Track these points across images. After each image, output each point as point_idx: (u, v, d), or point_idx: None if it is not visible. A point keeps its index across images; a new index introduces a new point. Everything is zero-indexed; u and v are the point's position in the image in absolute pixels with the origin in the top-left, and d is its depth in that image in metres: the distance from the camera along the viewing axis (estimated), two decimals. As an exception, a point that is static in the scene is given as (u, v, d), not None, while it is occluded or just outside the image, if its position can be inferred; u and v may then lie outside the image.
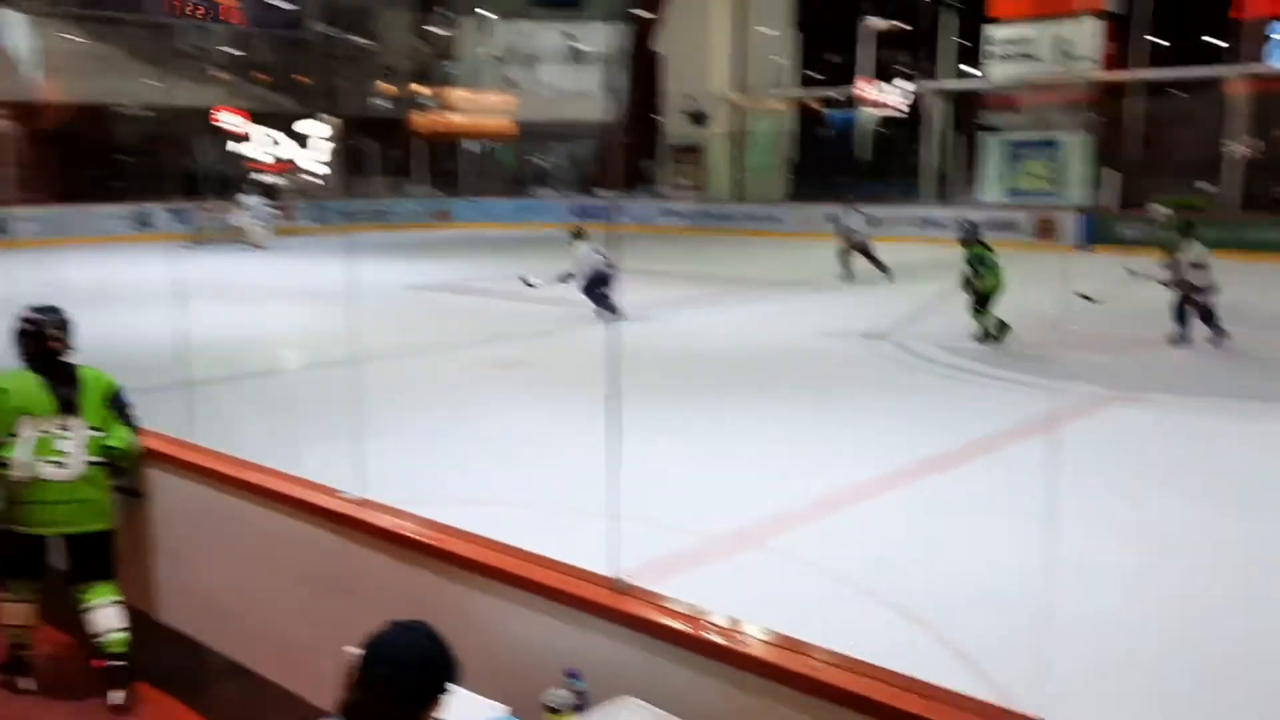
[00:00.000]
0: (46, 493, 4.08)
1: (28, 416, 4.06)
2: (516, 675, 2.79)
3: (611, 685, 2.61)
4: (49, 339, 4.17)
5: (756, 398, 8.90)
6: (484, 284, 16.56)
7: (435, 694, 2.14)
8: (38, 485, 4.06)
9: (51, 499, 4.09)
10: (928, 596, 4.86)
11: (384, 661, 2.10)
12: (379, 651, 2.12)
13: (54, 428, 4.09)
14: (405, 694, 2.10)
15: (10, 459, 4.03)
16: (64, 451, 4.09)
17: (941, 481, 6.69)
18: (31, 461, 4.04)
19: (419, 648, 2.15)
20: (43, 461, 4.06)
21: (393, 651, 2.12)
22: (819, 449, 7.40)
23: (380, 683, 2.08)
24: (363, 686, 2.09)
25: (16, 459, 4.03)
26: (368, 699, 2.09)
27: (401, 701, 2.10)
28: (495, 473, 6.73)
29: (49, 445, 4.08)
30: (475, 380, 9.75)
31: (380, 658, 2.10)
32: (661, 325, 12.51)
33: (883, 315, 12.87)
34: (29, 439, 4.06)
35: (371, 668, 2.09)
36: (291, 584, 3.77)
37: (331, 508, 3.53)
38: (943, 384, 9.56)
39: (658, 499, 5.76)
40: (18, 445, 4.05)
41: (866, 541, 5.65)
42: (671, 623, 2.63)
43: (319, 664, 3.56)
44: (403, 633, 2.17)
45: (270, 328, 13.11)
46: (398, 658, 2.11)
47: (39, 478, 4.05)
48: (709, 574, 5.09)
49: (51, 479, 4.07)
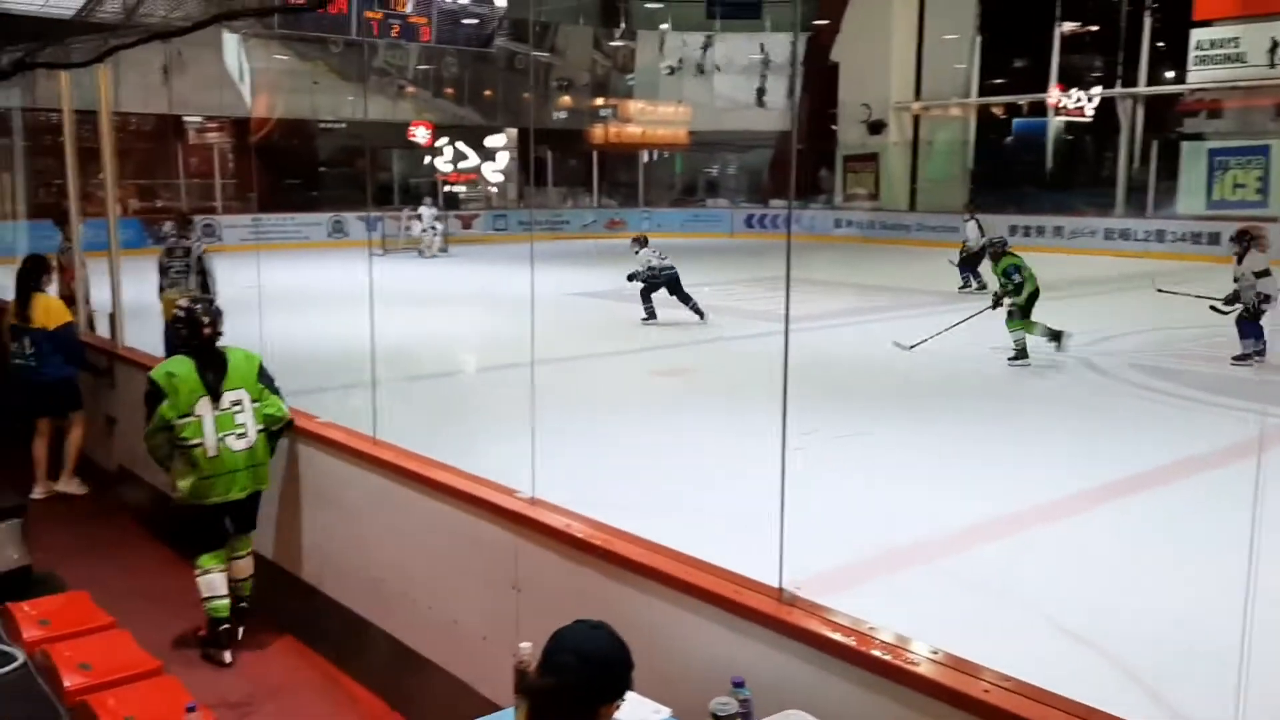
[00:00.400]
0: (234, 462, 4.66)
1: (203, 397, 4.60)
2: (680, 680, 2.80)
3: (775, 697, 2.59)
4: (203, 325, 4.70)
5: (929, 412, 8.66)
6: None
7: (615, 694, 2.18)
8: (224, 457, 4.62)
9: (239, 467, 4.68)
10: (1110, 625, 4.62)
11: (570, 654, 2.15)
12: (565, 645, 2.17)
13: (226, 404, 4.62)
14: (587, 689, 2.14)
15: (200, 439, 4.56)
16: (242, 424, 4.67)
17: (1129, 506, 6.35)
18: (219, 437, 4.59)
19: (605, 646, 2.19)
20: (229, 435, 4.63)
21: (579, 646, 2.17)
22: (995, 468, 7.13)
23: (563, 674, 2.13)
24: (546, 677, 2.15)
25: (206, 437, 4.57)
26: (549, 691, 2.14)
27: (582, 697, 2.14)
28: (660, 479, 6.78)
29: (230, 420, 4.64)
30: (642, 387, 9.85)
31: (566, 650, 2.15)
32: (832, 336, 12.33)
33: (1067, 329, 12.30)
34: (211, 418, 4.59)
35: (556, 658, 2.15)
36: (463, 576, 3.90)
37: (507, 506, 3.63)
38: (1131, 403, 9.07)
39: (825, 512, 5.68)
40: (203, 424, 4.59)
41: (1045, 566, 5.41)
42: (838, 637, 2.59)
43: (487, 654, 3.68)
44: (589, 630, 2.22)
45: (449, 332, 13.62)
46: (583, 652, 2.16)
47: (228, 450, 4.62)
48: (876, 590, 4.98)
49: (236, 449, 4.65)
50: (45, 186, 16.70)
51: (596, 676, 2.15)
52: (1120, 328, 12.73)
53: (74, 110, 7.51)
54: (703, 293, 16.89)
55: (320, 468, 4.82)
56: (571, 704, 2.14)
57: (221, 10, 5.71)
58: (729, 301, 15.52)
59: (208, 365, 4.67)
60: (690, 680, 2.78)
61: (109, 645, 3.61)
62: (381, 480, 4.32)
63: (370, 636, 4.43)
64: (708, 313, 13.28)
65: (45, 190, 16.77)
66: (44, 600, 3.99)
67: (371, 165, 27.47)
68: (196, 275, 8.92)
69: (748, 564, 2.93)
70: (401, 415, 5.58)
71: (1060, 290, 16.54)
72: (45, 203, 15.70)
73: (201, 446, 4.59)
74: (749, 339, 11.86)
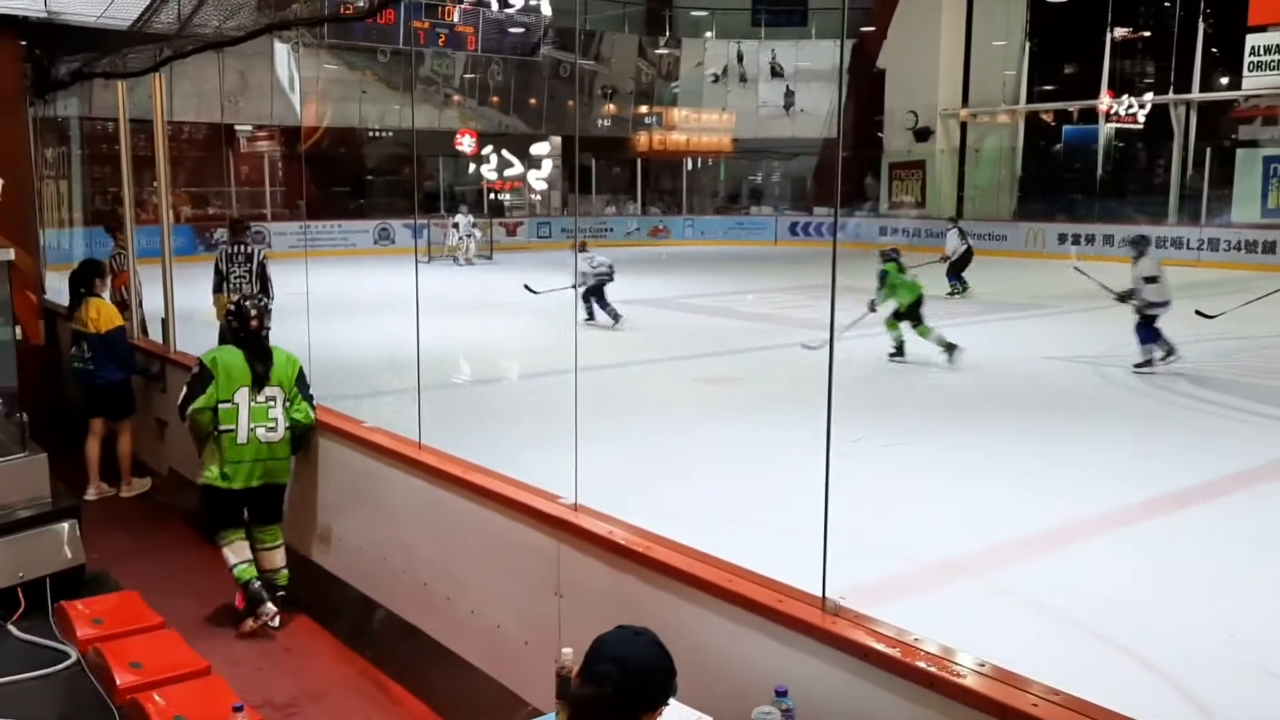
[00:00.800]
0: (259, 452, 4.94)
1: (244, 387, 4.90)
2: (722, 689, 2.79)
3: (819, 707, 2.57)
4: (251, 319, 5.01)
5: (976, 422, 8.57)
6: (698, 300, 16.71)
7: (656, 703, 2.15)
8: (252, 445, 4.91)
9: (261, 457, 4.95)
10: (1160, 639, 4.54)
11: (611, 661, 2.12)
12: (606, 652, 2.14)
13: (262, 398, 4.93)
14: (627, 697, 2.11)
15: (234, 425, 4.87)
16: (274, 419, 4.96)
17: (1178, 519, 6.23)
18: (251, 426, 4.90)
19: (647, 653, 2.17)
20: (261, 426, 4.92)
21: (620, 653, 2.14)
22: (1043, 478, 7.04)
23: (604, 682, 2.11)
24: (587, 684, 2.13)
25: (240, 424, 4.88)
26: (589, 700, 2.12)
27: (622, 705, 2.11)
28: (704, 486, 6.77)
29: (264, 413, 4.94)
30: (686, 395, 9.85)
31: (607, 658, 2.13)
32: (876, 345, 12.24)
33: (1114, 339, 12.12)
34: (247, 407, 4.90)
35: (597, 666, 2.13)
36: (506, 581, 3.92)
37: (549, 512, 3.64)
38: (1184, 415, 8.91)
39: (870, 522, 5.64)
40: (239, 412, 4.88)
41: (1095, 579, 5.33)
42: (883, 647, 2.56)
43: (529, 660, 3.69)
44: (632, 636, 2.19)
45: (493, 338, 13.70)
46: (625, 659, 2.13)
47: (256, 440, 4.91)
48: (921, 602, 4.93)
49: (263, 440, 4.94)
50: (101, 194, 17.06)
51: (637, 685, 2.12)
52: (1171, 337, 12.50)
53: (129, 119, 7.66)
54: (746, 300, 16.90)
55: (366, 472, 4.86)
56: (612, 712, 2.11)
57: (273, 20, 5.79)
58: (773, 309, 15.48)
59: (255, 357, 4.96)
60: (732, 689, 2.77)
61: (159, 645, 3.67)
62: (426, 485, 4.35)
63: (413, 640, 4.46)
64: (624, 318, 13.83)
65: (101, 198, 17.13)
66: (97, 600, 4.06)
67: (417, 173, 27.75)
68: (258, 280, 9.05)
69: (791, 573, 2.91)
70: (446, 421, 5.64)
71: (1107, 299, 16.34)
72: (101, 210, 16.05)
73: (233, 432, 4.87)
74: (794, 347, 11.82)
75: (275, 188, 27.13)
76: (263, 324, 5.03)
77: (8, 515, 4.39)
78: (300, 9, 5.96)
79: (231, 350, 4.98)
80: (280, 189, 27.19)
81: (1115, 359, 11.03)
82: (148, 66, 6.81)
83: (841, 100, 28.86)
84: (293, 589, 5.14)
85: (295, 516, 5.40)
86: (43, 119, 8.84)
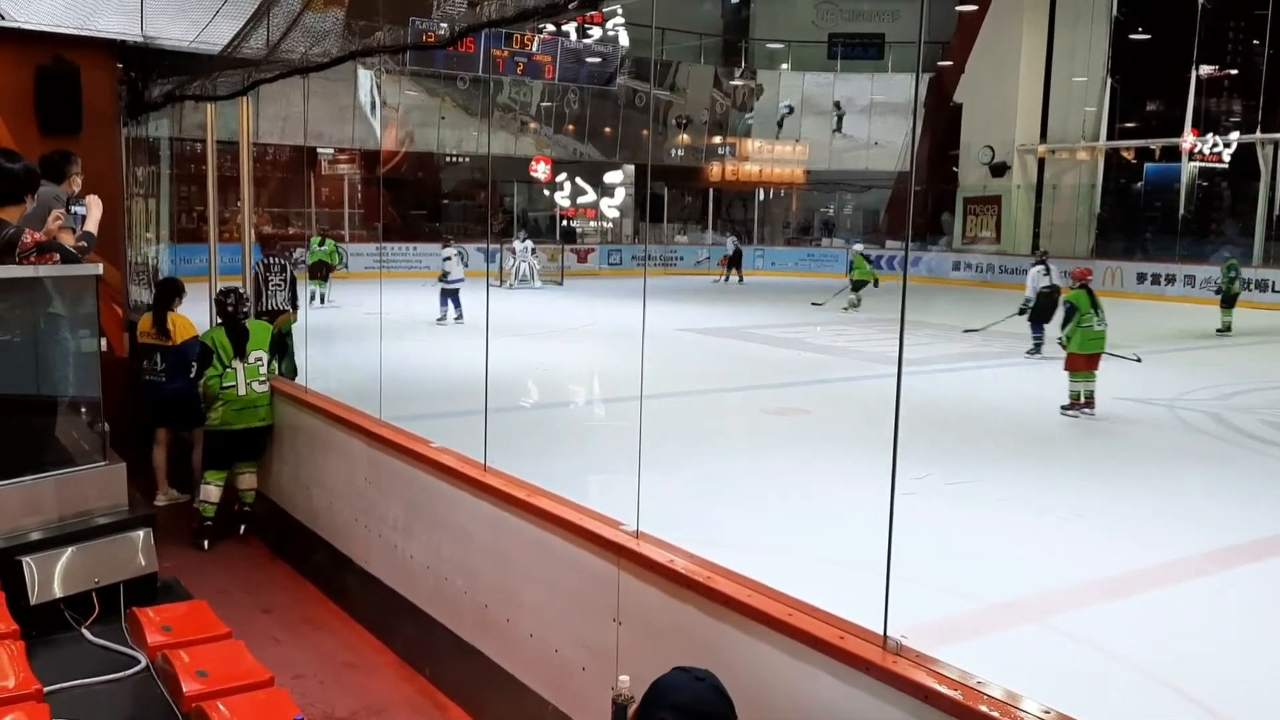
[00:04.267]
0: (254, 400, 6.65)
1: (236, 357, 6.62)
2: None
3: (876, 746, 2.53)
4: (228, 306, 6.78)
5: (1046, 463, 8.40)
6: (766, 331, 16.65)
7: None
8: (249, 396, 6.62)
9: (255, 404, 6.66)
10: (1229, 691, 4.38)
11: (671, 710, 2.03)
12: (666, 699, 2.05)
13: (252, 359, 6.65)
14: None
15: (234, 383, 6.59)
16: (263, 375, 6.70)
17: (1254, 570, 6.02)
18: (248, 384, 6.63)
19: (707, 701, 2.06)
20: (254, 381, 6.66)
21: (681, 700, 2.04)
22: (1116, 524, 6.86)
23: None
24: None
25: (239, 383, 6.61)
26: None
27: None
28: (767, 518, 6.72)
29: (255, 371, 6.67)
30: (752, 425, 9.80)
31: (668, 704, 2.04)
32: (946, 380, 12.08)
33: (1194, 382, 11.81)
34: (242, 369, 6.63)
35: (657, 713, 2.04)
36: (565, 606, 3.93)
37: (611, 538, 3.65)
38: (1261, 462, 8.62)
39: (934, 561, 5.54)
40: (237, 374, 6.61)
41: (1165, 627, 5.17)
42: (944, 690, 2.51)
43: (586, 685, 3.69)
44: (693, 682, 2.08)
45: (560, 363, 13.80)
46: (685, 707, 2.03)
47: (253, 391, 6.63)
48: (984, 645, 4.82)
49: (258, 391, 6.66)
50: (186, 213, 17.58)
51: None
52: (1253, 383, 12.14)
53: (216, 140, 7.90)
54: (815, 331, 16.80)
55: (432, 492, 4.92)
56: None
57: (358, 47, 5.94)
58: (841, 342, 15.36)
59: (234, 334, 6.68)
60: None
61: (225, 655, 3.73)
62: (490, 507, 4.39)
63: (473, 660, 4.48)
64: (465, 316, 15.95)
65: (187, 216, 17.64)
66: (167, 608, 4.14)
67: (491, 198, 28.14)
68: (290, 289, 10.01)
69: (853, 609, 2.88)
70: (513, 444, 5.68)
71: (1188, 342, 15.98)
72: (187, 228, 16.52)
73: (234, 388, 6.60)
74: (862, 380, 11.71)
75: (354, 209, 27.71)
76: (238, 311, 6.80)
77: (86, 522, 4.51)
78: (383, 37, 6.11)
79: (218, 330, 6.76)
80: (359, 211, 27.77)
81: (1192, 402, 10.74)
82: (236, 90, 7.02)
83: (916, 134, 28.65)
84: (358, 604, 5.20)
85: (359, 531, 5.48)
86: (134, 139, 9.15)
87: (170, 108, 8.68)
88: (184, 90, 7.85)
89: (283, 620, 5.17)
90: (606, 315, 17.85)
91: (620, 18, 25.14)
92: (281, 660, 4.68)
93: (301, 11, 6.15)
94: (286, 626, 5.12)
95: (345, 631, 5.01)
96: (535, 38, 23.96)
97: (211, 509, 6.66)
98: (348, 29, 6.33)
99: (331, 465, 6.06)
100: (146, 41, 7.86)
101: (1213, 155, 24.17)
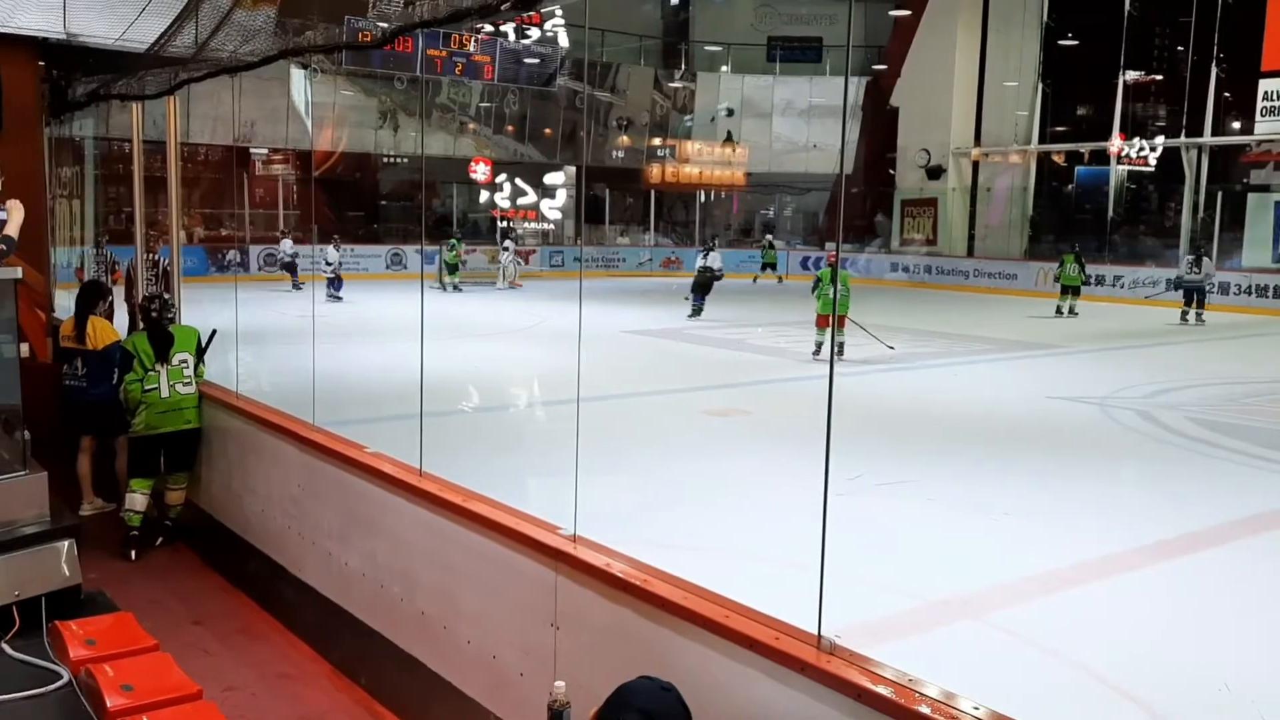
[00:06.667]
0: (179, 402, 6.57)
1: (161, 362, 6.52)
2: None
3: (812, 747, 2.53)
4: (152, 312, 6.70)
5: (981, 462, 8.52)
6: (708, 332, 16.72)
7: None
8: (173, 398, 6.54)
9: (181, 406, 6.59)
10: (1162, 685, 4.47)
11: (639, 713, 2.06)
12: (634, 702, 2.08)
13: (176, 361, 6.58)
14: None
15: (157, 386, 6.49)
16: (188, 377, 6.63)
17: (1184, 564, 6.16)
18: (171, 385, 6.55)
19: (673, 713, 2.10)
20: (178, 383, 6.58)
21: (649, 706, 2.07)
22: (1048, 520, 6.98)
23: None
24: None
25: (161, 385, 6.51)
26: None
27: None
28: (706, 519, 6.73)
29: (180, 373, 6.60)
30: (693, 426, 9.81)
31: (634, 708, 2.07)
32: (882, 380, 12.22)
33: (1121, 381, 12.08)
34: (165, 372, 6.54)
35: (623, 714, 2.07)
36: (503, 612, 3.89)
37: (548, 543, 3.62)
38: (1188, 458, 8.83)
39: (870, 559, 5.59)
40: (160, 377, 6.51)
41: (1099, 624, 5.26)
42: (880, 689, 2.53)
43: (524, 692, 3.66)
44: (660, 691, 2.13)
45: (502, 365, 13.71)
46: (653, 713, 2.06)
47: (176, 393, 6.54)
48: (920, 643, 4.87)
49: (183, 393, 6.59)
50: (115, 214, 17.18)
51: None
52: (1180, 380, 12.46)
53: (144, 140, 7.72)
54: (756, 333, 16.90)
55: (367, 498, 4.85)
56: None
57: (288, 46, 5.84)
58: (782, 343, 15.47)
59: (157, 338, 6.59)
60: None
61: (152, 668, 3.64)
62: (426, 513, 4.33)
63: (410, 668, 4.42)
64: None
65: (115, 218, 17.24)
66: (91, 620, 4.03)
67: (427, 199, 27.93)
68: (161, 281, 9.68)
69: (791, 610, 2.88)
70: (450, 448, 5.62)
71: (1119, 340, 16.36)
72: (115, 229, 16.16)
73: (157, 391, 6.50)
74: (801, 381, 11.80)
75: (289, 210, 27.30)
76: (162, 316, 6.73)
77: (8, 533, 4.37)
78: (315, 36, 6.02)
79: (140, 336, 6.66)
80: (294, 212, 27.37)
81: (1122, 400, 10.98)
82: (163, 89, 6.87)
83: (844, 136, 28.98)
84: (293, 613, 5.11)
85: (292, 538, 5.38)
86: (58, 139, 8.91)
87: (95, 107, 8.47)
88: (109, 89, 7.67)
89: (214, 631, 5.06)
90: (549, 317, 17.78)
91: (559, 18, 25.09)
92: (212, 672, 4.58)
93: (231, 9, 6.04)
94: (218, 638, 5.01)
95: (279, 642, 4.92)
96: (473, 38, 23.81)
97: (138, 518, 6.52)
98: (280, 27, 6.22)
99: (264, 472, 5.95)
100: (70, 39, 7.66)
101: (1139, 159, 24.77)
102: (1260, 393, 11.56)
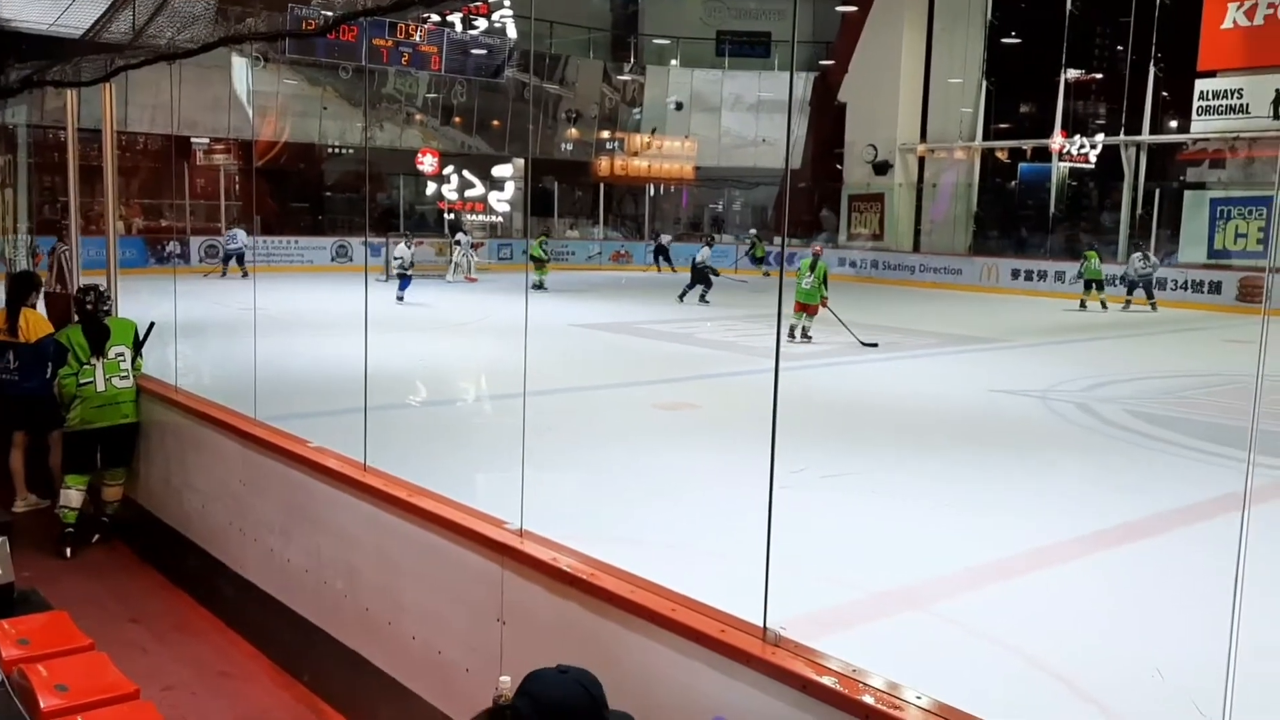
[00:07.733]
0: (115, 396, 6.42)
1: (96, 356, 6.36)
2: (663, 717, 2.75)
3: (758, 739, 2.54)
4: (87, 304, 6.54)
5: (924, 454, 8.62)
6: (657, 326, 16.73)
7: None
8: (109, 392, 6.39)
9: (118, 400, 6.44)
10: (1101, 673, 4.56)
11: (527, 695, 2.09)
12: (528, 686, 2.11)
13: (112, 354, 6.44)
14: None
15: (93, 379, 6.34)
16: (124, 370, 6.49)
17: (1121, 554, 6.29)
18: (108, 379, 6.40)
19: (568, 695, 2.09)
20: (114, 377, 6.43)
21: (540, 689, 2.09)
22: (989, 512, 7.08)
23: (515, 716, 2.08)
24: (498, 715, 2.09)
25: (97, 379, 6.36)
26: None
27: None
28: (656, 513, 6.73)
29: (116, 366, 6.46)
30: (642, 420, 9.81)
31: (525, 694, 2.09)
32: (830, 374, 12.32)
33: (1062, 374, 12.30)
34: (100, 365, 6.40)
35: (514, 703, 2.09)
36: (448, 607, 3.86)
37: (494, 537, 3.59)
38: (1127, 450, 9.02)
39: (817, 551, 5.63)
40: (95, 371, 6.36)
41: (1041, 613, 5.35)
42: (825, 680, 2.54)
43: (470, 687, 3.63)
44: (559, 676, 2.12)
45: (450, 359, 13.60)
46: (541, 696, 2.08)
47: (113, 387, 6.40)
48: (866, 633, 4.92)
49: (119, 387, 6.45)
50: (50, 204, 16.76)
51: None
52: (1119, 373, 12.71)
53: (79, 128, 7.53)
54: (705, 327, 16.94)
55: (310, 493, 4.78)
56: None
57: (228, 34, 5.73)
58: (730, 336, 15.53)
59: (92, 331, 6.44)
60: (674, 719, 2.73)
61: (87, 667, 3.55)
62: (370, 508, 4.29)
63: (354, 665, 4.37)
64: None
65: (50, 207, 16.83)
66: (24, 619, 3.93)
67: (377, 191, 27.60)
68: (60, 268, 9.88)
69: (737, 602, 2.89)
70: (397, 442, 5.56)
71: (1059, 335, 16.65)
72: (49, 219, 15.76)
73: (93, 384, 6.36)
74: (748, 375, 11.85)
75: (231, 201, 26.83)
76: (98, 308, 6.58)
77: (-65, 531, 4.25)
78: (256, 23, 5.90)
79: (75, 329, 6.48)
80: (236, 203, 26.90)
81: (1062, 393, 11.18)
82: (99, 76, 6.70)
83: (790, 131, 29.13)
84: (233, 611, 5.03)
85: (234, 535, 5.29)
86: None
87: (29, 93, 8.25)
88: (43, 75, 7.47)
89: (152, 629, 4.96)
90: (497, 310, 17.67)
91: (507, 9, 24.92)
92: (150, 671, 4.49)
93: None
94: (156, 636, 4.91)
95: (219, 639, 4.83)
96: (420, 28, 23.56)
97: (73, 514, 6.38)
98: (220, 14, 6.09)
99: (204, 467, 5.85)
100: (1, 24, 7.45)
101: (1080, 156, 25.22)
102: (1195, 386, 11.82)
